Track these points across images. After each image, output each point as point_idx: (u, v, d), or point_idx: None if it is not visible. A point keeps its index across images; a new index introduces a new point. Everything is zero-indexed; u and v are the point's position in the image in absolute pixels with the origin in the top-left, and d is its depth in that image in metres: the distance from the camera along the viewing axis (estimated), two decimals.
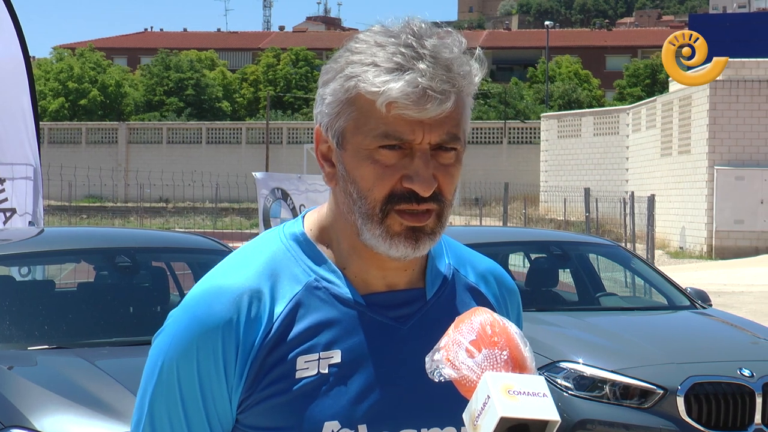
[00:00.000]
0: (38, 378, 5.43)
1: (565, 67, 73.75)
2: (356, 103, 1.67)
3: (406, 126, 1.64)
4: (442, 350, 1.60)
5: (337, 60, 1.71)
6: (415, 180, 1.65)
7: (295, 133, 61.68)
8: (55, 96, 69.73)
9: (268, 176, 14.29)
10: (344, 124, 1.69)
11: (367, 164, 1.67)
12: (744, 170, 31.14)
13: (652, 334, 7.95)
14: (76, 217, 42.99)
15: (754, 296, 20.23)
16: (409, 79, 1.62)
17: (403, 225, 1.68)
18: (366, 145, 1.67)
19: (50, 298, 6.71)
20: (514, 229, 15.29)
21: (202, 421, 1.71)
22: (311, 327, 1.71)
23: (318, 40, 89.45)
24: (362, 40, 1.70)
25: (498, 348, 1.59)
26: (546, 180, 45.83)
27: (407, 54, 1.64)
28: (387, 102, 1.63)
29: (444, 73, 1.64)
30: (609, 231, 33.60)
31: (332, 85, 1.70)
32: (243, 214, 42.42)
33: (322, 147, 1.75)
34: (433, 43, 1.66)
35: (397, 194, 1.67)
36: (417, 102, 1.63)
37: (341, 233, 1.76)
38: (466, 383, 1.57)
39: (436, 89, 1.63)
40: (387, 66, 1.64)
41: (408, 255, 1.70)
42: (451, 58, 1.66)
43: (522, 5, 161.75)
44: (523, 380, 1.55)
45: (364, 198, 1.68)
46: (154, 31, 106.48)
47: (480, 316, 1.63)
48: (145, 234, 9.36)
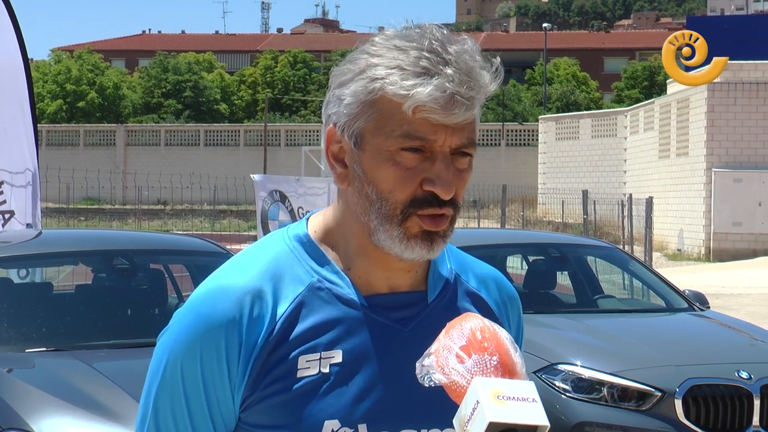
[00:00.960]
0: (36, 380, 5.42)
1: (563, 69, 73.78)
2: (378, 104, 1.68)
3: (430, 128, 1.66)
4: (432, 355, 1.61)
5: (355, 62, 1.72)
6: (438, 183, 1.67)
7: (293, 135, 61.66)
8: (53, 98, 69.71)
9: (266, 178, 14.26)
10: (363, 125, 1.70)
11: (387, 166, 1.68)
12: (742, 172, 31.16)
13: (650, 337, 7.96)
14: (74, 219, 42.95)
15: (752, 298, 20.23)
16: (438, 84, 1.64)
17: (423, 228, 1.70)
18: (387, 146, 1.68)
19: (48, 300, 6.70)
20: (512, 232, 15.29)
21: (205, 418, 1.72)
22: (313, 327, 1.73)
23: (316, 43, 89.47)
24: (379, 43, 1.71)
25: (488, 353, 1.59)
26: (544, 182, 45.83)
27: (433, 59, 1.66)
28: (414, 105, 1.65)
29: (468, 80, 1.67)
30: (607, 233, 33.61)
31: (353, 86, 1.70)
32: (241, 216, 42.36)
33: (333, 148, 1.75)
34: (456, 50, 1.68)
35: (419, 198, 1.68)
36: (445, 107, 1.65)
37: (350, 234, 1.77)
38: (456, 388, 1.57)
39: (464, 95, 1.66)
40: (414, 70, 1.66)
41: (422, 257, 1.72)
42: (473, 65, 1.68)
43: (520, 7, 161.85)
44: (512, 385, 1.55)
45: (384, 200, 1.69)
46: (152, 34, 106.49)
47: (470, 321, 1.64)
48: (143, 236, 9.37)
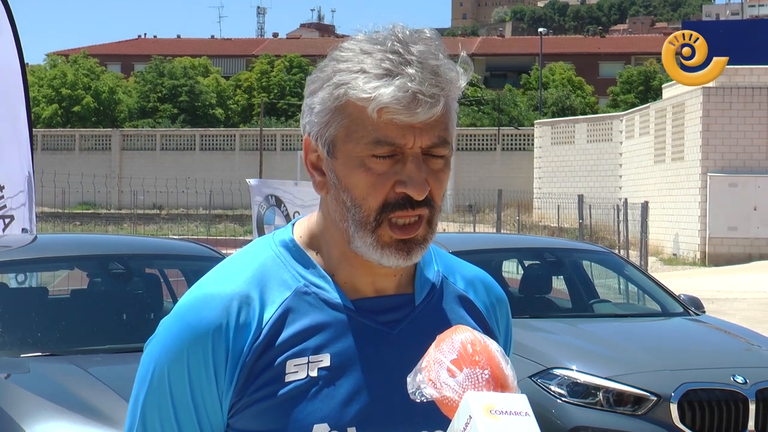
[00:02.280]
0: (31, 385, 5.41)
1: (558, 74, 73.85)
2: (346, 110, 1.68)
3: (397, 131, 1.65)
4: (423, 370, 1.59)
5: (323, 69, 1.72)
6: (409, 184, 1.66)
7: (288, 139, 61.65)
8: (49, 103, 69.64)
9: (262, 183, 14.26)
10: (334, 132, 1.70)
11: (359, 172, 1.68)
12: (737, 177, 31.18)
13: (646, 341, 7.96)
14: (69, 223, 42.96)
15: (747, 303, 20.24)
16: (399, 84, 1.63)
17: (393, 238, 1.69)
18: (358, 153, 1.67)
19: (43, 305, 6.69)
20: (507, 236, 15.32)
21: (193, 426, 1.72)
22: (301, 331, 1.72)
23: (312, 47, 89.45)
24: (347, 48, 1.70)
25: (479, 367, 1.57)
26: (539, 187, 45.85)
27: (395, 60, 1.65)
28: (378, 108, 1.64)
29: (432, 78, 1.65)
30: (602, 238, 33.63)
31: (321, 94, 1.70)
32: (237, 220, 42.35)
33: (311, 156, 1.75)
34: (420, 49, 1.67)
35: (390, 202, 1.68)
36: (408, 106, 1.64)
37: (331, 241, 1.77)
38: (448, 403, 1.56)
39: (426, 93, 1.64)
40: (376, 72, 1.65)
41: (400, 264, 1.71)
42: (438, 63, 1.67)
43: (516, 12, 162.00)
44: (504, 399, 1.54)
45: (358, 206, 1.69)
46: (147, 38, 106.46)
47: (461, 334, 1.62)
48: (139, 241, 9.35)
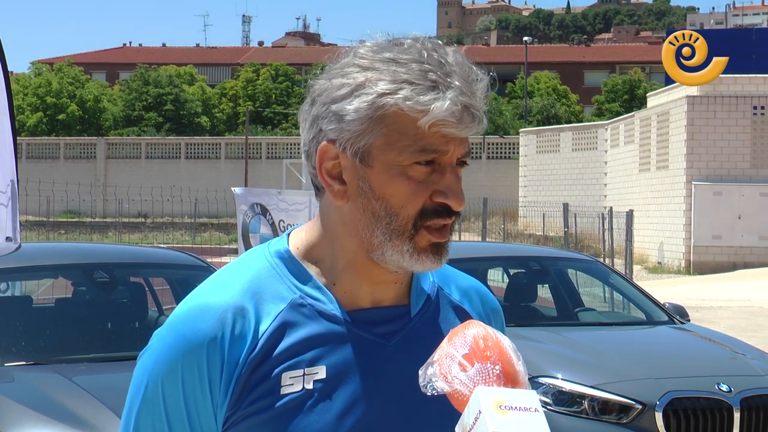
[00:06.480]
0: (15, 394, 5.39)
1: (543, 83, 74.00)
2: (387, 119, 1.66)
3: (442, 140, 1.65)
4: (435, 364, 1.60)
5: (347, 75, 1.69)
6: (450, 195, 1.67)
7: (274, 148, 61.60)
8: (34, 111, 69.48)
9: (248, 191, 14.23)
10: (371, 140, 1.67)
11: (400, 180, 1.67)
12: (722, 185, 31.28)
13: (631, 350, 7.97)
14: (54, 232, 42.79)
15: (732, 311, 20.29)
16: (453, 98, 1.63)
17: (431, 241, 1.69)
18: (400, 161, 1.66)
19: (28, 313, 6.67)
20: (493, 245, 15.32)
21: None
22: (296, 343, 1.71)
23: (297, 56, 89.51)
24: (368, 56, 1.68)
25: (490, 362, 1.58)
26: (525, 195, 45.91)
27: (438, 71, 1.64)
28: (433, 121, 1.63)
29: (475, 90, 1.66)
30: (588, 246, 33.69)
31: (355, 102, 1.67)
32: (222, 229, 42.27)
33: (327, 165, 1.72)
34: (457, 60, 1.67)
35: (428, 210, 1.68)
36: (461, 120, 1.64)
37: (340, 250, 1.75)
38: (458, 397, 1.57)
39: (477, 107, 1.66)
40: (425, 84, 1.64)
41: (432, 269, 1.72)
42: (474, 76, 1.68)
43: (501, 21, 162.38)
44: (515, 395, 1.54)
45: (395, 215, 1.68)
46: (132, 46, 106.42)
47: (473, 329, 1.63)
48: (124, 249, 9.34)
